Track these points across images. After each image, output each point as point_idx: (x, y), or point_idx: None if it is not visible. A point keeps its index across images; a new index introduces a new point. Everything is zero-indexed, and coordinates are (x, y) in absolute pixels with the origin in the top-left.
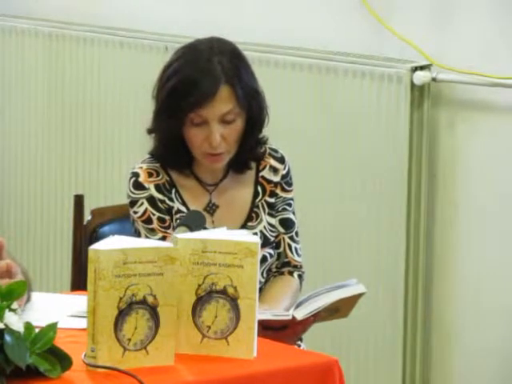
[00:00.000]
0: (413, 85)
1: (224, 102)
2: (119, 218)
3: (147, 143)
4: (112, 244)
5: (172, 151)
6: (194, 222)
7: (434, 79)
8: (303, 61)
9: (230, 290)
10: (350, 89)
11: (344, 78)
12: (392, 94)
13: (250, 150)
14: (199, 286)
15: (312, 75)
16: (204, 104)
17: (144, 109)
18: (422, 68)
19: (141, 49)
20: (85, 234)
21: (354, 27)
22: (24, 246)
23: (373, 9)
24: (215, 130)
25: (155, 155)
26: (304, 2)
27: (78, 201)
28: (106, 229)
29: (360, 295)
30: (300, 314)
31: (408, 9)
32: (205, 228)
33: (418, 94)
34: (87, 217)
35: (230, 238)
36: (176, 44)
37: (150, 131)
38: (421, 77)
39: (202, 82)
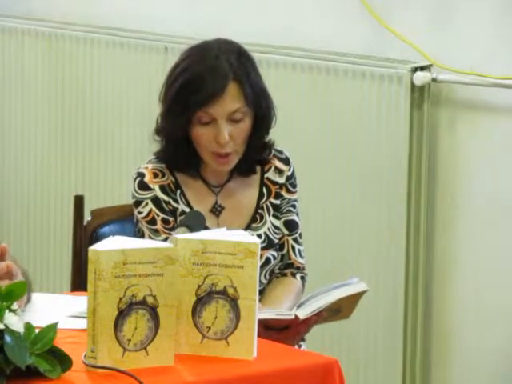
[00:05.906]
0: (413, 85)
1: (232, 100)
2: (119, 219)
3: (147, 143)
4: (112, 245)
5: (179, 153)
6: (194, 222)
7: (434, 80)
8: (303, 61)
9: (230, 291)
10: (350, 89)
11: (344, 78)
12: (392, 94)
13: (256, 153)
14: (199, 286)
15: (312, 76)
16: (212, 101)
17: (144, 109)
18: (422, 68)
19: (141, 49)
20: (85, 235)
21: (354, 27)
22: (24, 246)
23: (373, 9)
24: (223, 128)
25: (161, 156)
26: (304, 3)
27: (78, 201)
28: (105, 229)
29: (362, 294)
30: (302, 313)
31: (408, 9)
32: (205, 228)
33: (418, 94)
34: (87, 217)
35: (229, 239)
36: (176, 44)
37: (157, 132)
38: (421, 77)
39: (211, 80)
